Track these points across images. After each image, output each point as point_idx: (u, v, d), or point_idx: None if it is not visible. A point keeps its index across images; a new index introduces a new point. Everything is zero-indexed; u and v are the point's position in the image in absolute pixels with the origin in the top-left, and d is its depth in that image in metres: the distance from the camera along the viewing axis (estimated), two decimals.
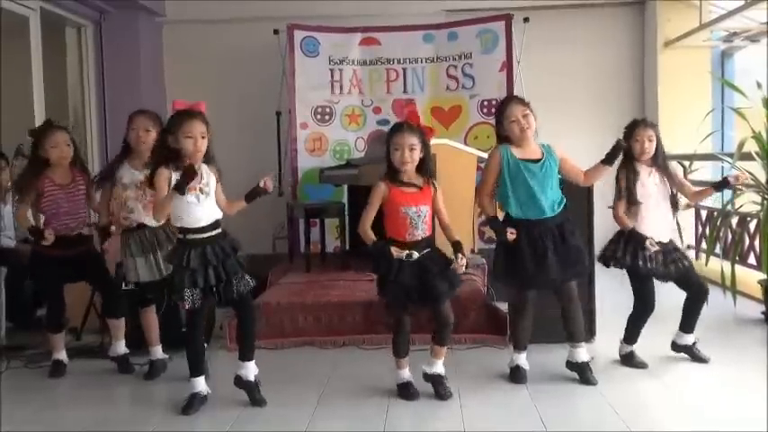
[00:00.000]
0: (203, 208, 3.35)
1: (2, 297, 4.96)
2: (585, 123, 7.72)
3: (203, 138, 3.32)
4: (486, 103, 7.09)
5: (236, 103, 7.78)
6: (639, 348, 3.96)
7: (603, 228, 4.39)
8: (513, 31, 6.99)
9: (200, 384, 3.46)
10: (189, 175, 3.17)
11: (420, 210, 3.39)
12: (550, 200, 3.60)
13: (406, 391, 3.54)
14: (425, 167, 3.45)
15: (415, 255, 3.35)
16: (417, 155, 3.38)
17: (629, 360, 3.96)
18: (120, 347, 4.12)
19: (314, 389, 3.70)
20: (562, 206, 3.65)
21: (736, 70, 7.84)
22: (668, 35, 7.46)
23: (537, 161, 3.62)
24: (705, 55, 7.57)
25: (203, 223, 3.37)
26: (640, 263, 3.76)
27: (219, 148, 8.30)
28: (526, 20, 7.05)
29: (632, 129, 3.86)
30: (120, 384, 3.90)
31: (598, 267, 4.38)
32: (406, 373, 3.59)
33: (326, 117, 7.25)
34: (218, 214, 3.45)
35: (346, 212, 6.23)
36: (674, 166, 3.95)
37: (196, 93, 7.73)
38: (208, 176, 3.40)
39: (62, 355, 4.12)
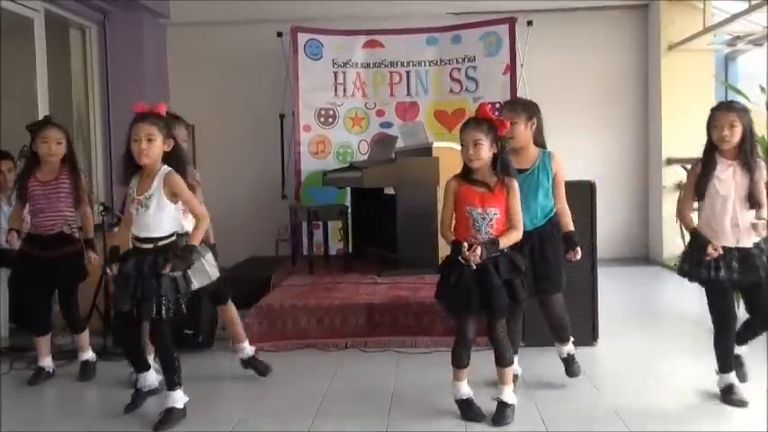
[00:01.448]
0: (140, 221, 3.21)
1: (4, 298, 4.96)
2: (588, 126, 7.73)
3: (150, 140, 3.15)
4: (489, 106, 7.08)
5: (239, 106, 7.81)
6: (643, 349, 3.94)
7: (608, 229, 4.39)
8: (517, 34, 7.00)
9: (150, 377, 3.49)
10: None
11: (486, 212, 3.11)
12: (532, 211, 3.47)
13: (468, 411, 3.24)
14: (500, 165, 3.15)
15: (477, 261, 3.06)
16: (485, 151, 3.10)
17: (727, 395, 3.36)
18: (88, 354, 4.09)
19: (316, 391, 3.70)
20: (546, 218, 3.52)
21: (739, 74, 7.83)
22: (672, 38, 7.46)
23: (523, 171, 3.47)
24: (709, 58, 7.57)
25: (142, 234, 3.21)
26: (703, 271, 3.31)
27: (223, 150, 8.30)
28: (530, 23, 7.07)
29: (713, 112, 3.34)
30: (121, 386, 3.88)
31: (600, 271, 4.39)
32: (464, 388, 3.28)
33: (330, 120, 7.26)
34: (162, 230, 3.21)
35: (349, 215, 6.23)
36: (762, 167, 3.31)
37: (199, 95, 7.83)
38: (156, 189, 3.19)
39: (46, 362, 4.00)
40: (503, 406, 3.21)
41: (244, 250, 7.03)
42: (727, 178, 3.29)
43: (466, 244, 3.09)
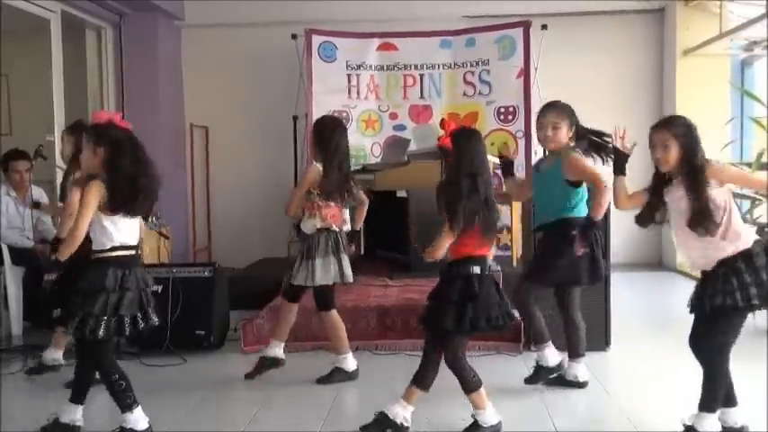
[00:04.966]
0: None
1: (19, 296, 5.00)
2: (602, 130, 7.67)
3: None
4: (502, 109, 7.07)
5: (253, 107, 7.83)
6: (655, 354, 3.89)
7: (621, 234, 4.36)
8: (532, 37, 6.98)
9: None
10: None
11: None
12: (543, 210, 3.60)
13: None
14: None
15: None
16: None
17: None
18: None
19: (327, 393, 3.70)
20: (556, 217, 3.55)
21: (755, 79, 7.77)
22: (687, 43, 7.41)
23: (539, 172, 3.71)
24: (725, 63, 7.52)
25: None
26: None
27: (236, 152, 8.29)
28: (544, 27, 7.04)
29: None
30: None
31: (613, 276, 4.36)
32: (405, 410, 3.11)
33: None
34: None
35: None
36: None
37: (213, 96, 7.86)
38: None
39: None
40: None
41: (256, 251, 7.04)
42: None
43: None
